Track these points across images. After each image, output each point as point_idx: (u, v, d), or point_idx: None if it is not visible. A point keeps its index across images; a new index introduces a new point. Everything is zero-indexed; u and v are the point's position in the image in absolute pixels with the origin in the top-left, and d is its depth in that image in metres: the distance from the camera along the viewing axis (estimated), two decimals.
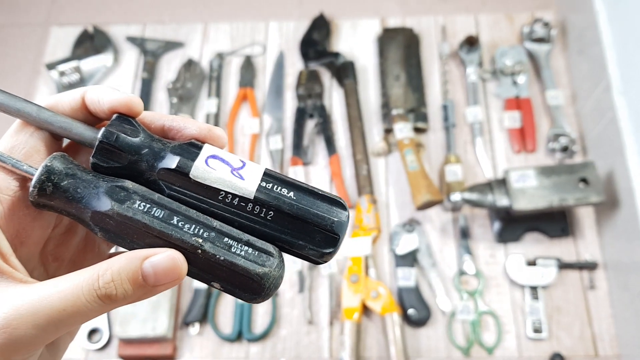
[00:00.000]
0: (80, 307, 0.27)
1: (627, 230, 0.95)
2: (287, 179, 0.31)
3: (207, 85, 1.25)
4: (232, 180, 0.31)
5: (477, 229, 1.07)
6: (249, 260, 0.30)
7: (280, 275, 0.31)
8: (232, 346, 1.01)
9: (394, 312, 0.98)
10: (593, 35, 1.08)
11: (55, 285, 0.27)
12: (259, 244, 0.30)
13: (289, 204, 0.31)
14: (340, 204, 0.31)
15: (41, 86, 1.28)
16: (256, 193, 0.30)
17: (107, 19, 1.36)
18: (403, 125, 1.11)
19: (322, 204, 0.31)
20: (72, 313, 0.27)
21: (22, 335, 0.26)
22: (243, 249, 0.30)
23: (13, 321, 0.26)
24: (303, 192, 0.31)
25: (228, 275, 0.29)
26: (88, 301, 0.27)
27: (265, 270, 0.30)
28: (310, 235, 0.31)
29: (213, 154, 0.31)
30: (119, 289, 0.28)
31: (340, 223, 0.31)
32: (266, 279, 0.30)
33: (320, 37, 1.27)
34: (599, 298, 1.01)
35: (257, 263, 0.30)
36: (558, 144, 1.10)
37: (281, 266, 0.31)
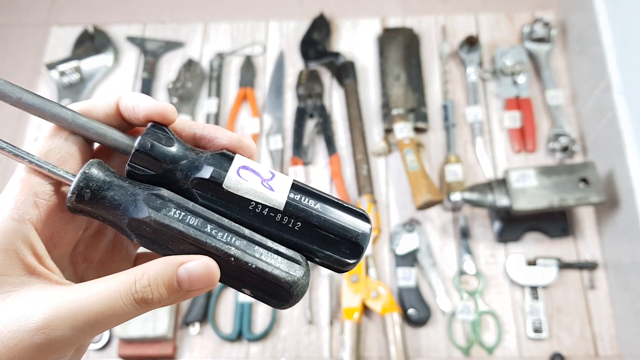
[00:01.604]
0: (117, 309, 0.28)
1: (627, 230, 0.95)
2: (314, 191, 0.33)
3: (207, 85, 1.25)
4: (263, 191, 0.32)
5: (477, 228, 1.07)
6: (279, 268, 0.31)
7: (307, 282, 0.32)
8: (233, 346, 1.01)
9: (394, 312, 0.98)
10: (593, 35, 1.08)
11: (93, 288, 0.28)
12: (289, 252, 0.32)
13: (317, 215, 0.32)
14: (364, 217, 0.33)
15: (41, 86, 1.28)
16: (285, 204, 0.32)
17: (107, 19, 1.36)
18: (403, 125, 1.11)
19: (348, 216, 0.32)
20: (109, 315, 0.28)
21: (60, 336, 0.27)
22: (273, 257, 0.31)
23: (52, 322, 0.27)
24: (329, 204, 0.32)
25: (258, 282, 0.31)
26: (125, 304, 0.28)
27: (294, 278, 0.31)
28: (335, 245, 0.32)
29: (244, 164, 0.32)
30: (155, 293, 0.29)
31: (364, 235, 0.32)
32: (295, 286, 0.31)
33: (320, 37, 1.27)
34: (599, 298, 1.01)
35: (286, 271, 0.31)
36: (558, 144, 1.10)
37: (308, 274, 0.32)
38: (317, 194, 0.33)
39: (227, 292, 1.06)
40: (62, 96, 1.25)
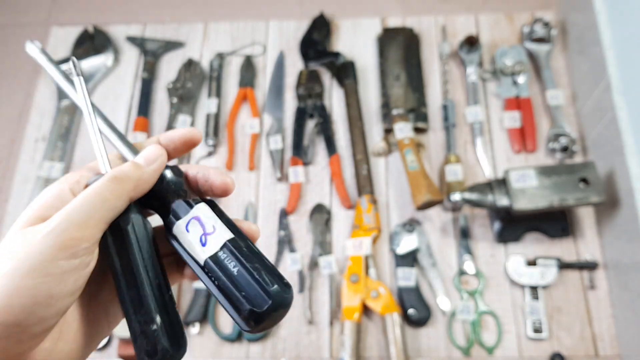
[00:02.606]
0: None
1: (627, 230, 0.95)
2: (243, 254, 0.35)
3: (207, 85, 1.25)
4: (195, 245, 0.36)
5: (477, 228, 1.07)
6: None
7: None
8: (233, 346, 1.01)
9: (394, 312, 0.98)
10: (593, 35, 1.08)
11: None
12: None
13: (223, 280, 0.34)
14: (275, 292, 0.34)
15: (41, 86, 1.28)
16: (208, 260, 0.35)
17: (107, 19, 1.36)
18: (403, 125, 1.11)
19: (252, 288, 0.34)
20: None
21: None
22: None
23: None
24: (248, 271, 0.34)
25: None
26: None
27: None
28: (237, 311, 0.34)
29: (197, 216, 0.36)
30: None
31: (253, 312, 0.33)
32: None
33: (320, 37, 1.27)
34: (599, 298, 1.01)
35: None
36: (558, 144, 1.10)
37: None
38: (244, 257, 0.34)
39: None
40: (62, 96, 1.25)
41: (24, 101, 1.28)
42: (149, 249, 0.35)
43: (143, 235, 0.35)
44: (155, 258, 0.36)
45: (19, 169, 1.19)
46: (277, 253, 1.08)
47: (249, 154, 1.16)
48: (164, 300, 0.34)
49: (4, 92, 1.31)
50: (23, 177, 1.19)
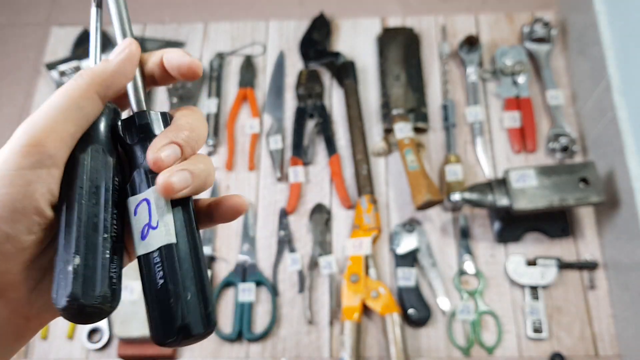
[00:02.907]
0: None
1: (627, 230, 0.95)
2: (176, 267, 0.31)
3: (207, 85, 1.25)
4: (136, 233, 0.32)
5: (477, 228, 1.07)
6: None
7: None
8: (233, 346, 1.01)
9: (394, 312, 0.98)
10: (593, 35, 1.08)
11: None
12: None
13: (146, 286, 0.32)
14: (188, 330, 0.31)
15: (41, 86, 1.29)
16: (140, 257, 0.32)
17: (107, 19, 1.36)
18: (403, 125, 1.11)
19: (167, 315, 0.31)
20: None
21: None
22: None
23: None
24: (170, 291, 0.31)
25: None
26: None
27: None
28: (149, 319, 0.32)
29: (148, 199, 0.32)
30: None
31: (159, 342, 0.31)
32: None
33: (320, 37, 1.27)
34: (599, 298, 1.01)
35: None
36: (558, 144, 1.10)
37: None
38: (175, 272, 0.31)
39: (228, 292, 1.06)
40: None
41: (24, 101, 1.28)
42: (94, 185, 0.32)
43: (95, 169, 0.32)
44: (103, 198, 0.32)
45: None
46: (277, 253, 1.08)
47: (249, 154, 1.16)
48: (94, 243, 0.30)
49: (4, 92, 1.31)
50: None
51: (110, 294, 0.30)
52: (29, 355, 1.03)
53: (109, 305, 0.30)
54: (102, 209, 0.31)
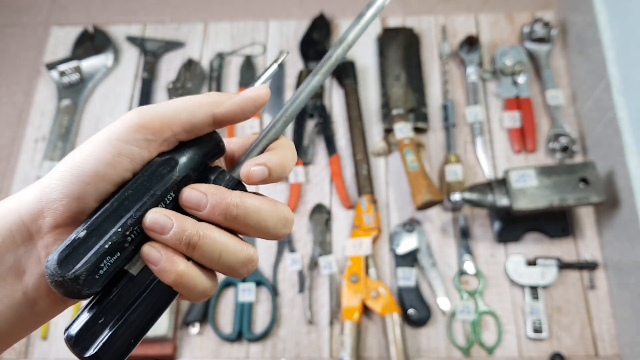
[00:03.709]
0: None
1: (627, 230, 0.95)
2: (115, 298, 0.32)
3: (207, 85, 1.25)
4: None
5: (477, 228, 1.07)
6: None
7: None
8: (233, 346, 1.01)
9: (394, 312, 0.98)
10: (593, 35, 1.08)
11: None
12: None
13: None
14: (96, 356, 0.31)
15: (41, 86, 1.28)
16: (136, 273, 0.33)
17: (107, 19, 1.36)
18: (403, 125, 1.11)
19: (85, 327, 0.31)
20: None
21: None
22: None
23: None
24: (97, 315, 0.32)
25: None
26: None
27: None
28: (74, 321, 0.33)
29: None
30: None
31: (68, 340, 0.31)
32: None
33: (320, 37, 1.27)
34: (599, 298, 1.01)
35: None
36: (558, 144, 1.10)
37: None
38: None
39: (228, 292, 1.06)
40: (61, 96, 1.25)
41: (24, 101, 1.28)
42: (145, 186, 0.33)
43: (158, 174, 0.33)
44: (144, 201, 0.33)
45: (19, 169, 1.19)
46: (277, 253, 1.08)
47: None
48: (105, 229, 0.32)
49: (4, 92, 1.31)
50: (23, 177, 1.19)
51: (84, 277, 0.30)
52: (29, 355, 1.03)
53: (78, 287, 0.30)
54: (135, 208, 0.32)
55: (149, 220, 0.32)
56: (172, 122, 0.34)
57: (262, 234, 0.35)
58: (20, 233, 0.32)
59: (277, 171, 0.35)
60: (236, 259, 0.34)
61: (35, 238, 0.32)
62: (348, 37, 0.37)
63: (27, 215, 0.32)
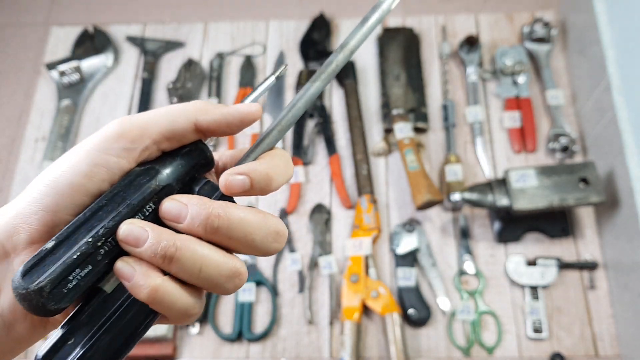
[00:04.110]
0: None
1: (627, 230, 0.95)
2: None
3: (207, 85, 1.25)
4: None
5: (477, 228, 1.07)
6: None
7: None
8: (233, 346, 1.01)
9: (394, 312, 0.98)
10: (593, 35, 1.08)
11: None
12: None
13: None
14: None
15: (41, 86, 1.28)
16: (110, 290, 0.31)
17: (107, 19, 1.36)
18: (403, 125, 1.11)
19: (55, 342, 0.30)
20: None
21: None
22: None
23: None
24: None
25: None
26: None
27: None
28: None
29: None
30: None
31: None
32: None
33: (320, 37, 1.27)
34: (599, 298, 1.01)
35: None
36: (558, 144, 1.10)
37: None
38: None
39: None
40: (62, 96, 1.25)
41: (24, 101, 1.28)
42: (122, 197, 0.31)
43: (136, 184, 0.31)
44: (119, 211, 0.31)
45: (19, 169, 1.19)
46: (277, 253, 1.08)
47: None
48: (75, 240, 0.30)
49: (4, 92, 1.31)
50: (23, 177, 1.19)
51: (48, 290, 0.28)
52: (29, 355, 1.03)
53: (42, 301, 0.28)
54: (108, 218, 0.30)
55: (123, 232, 0.30)
56: (152, 128, 0.32)
57: (250, 248, 0.32)
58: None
59: (261, 182, 0.33)
60: (219, 273, 0.31)
61: (12, 256, 0.31)
62: (350, 43, 0.35)
63: (2, 233, 0.31)
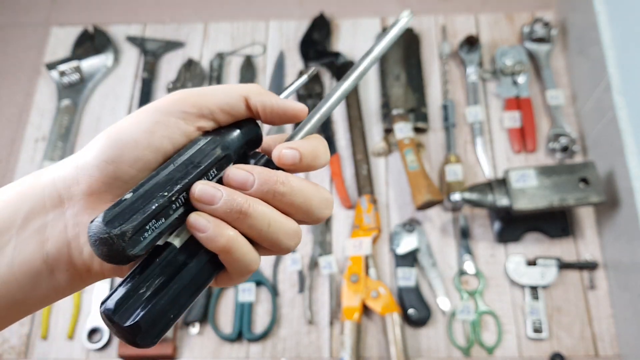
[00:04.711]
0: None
1: (627, 230, 0.95)
2: (162, 266, 0.32)
3: (207, 85, 1.25)
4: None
5: (477, 228, 1.07)
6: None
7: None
8: (233, 346, 1.01)
9: (394, 312, 0.98)
10: (593, 35, 1.08)
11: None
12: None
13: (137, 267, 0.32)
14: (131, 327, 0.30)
15: (41, 86, 1.29)
16: (179, 245, 0.33)
17: (107, 19, 1.36)
18: (403, 125, 1.11)
19: (126, 299, 0.31)
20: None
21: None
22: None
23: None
24: (139, 284, 0.31)
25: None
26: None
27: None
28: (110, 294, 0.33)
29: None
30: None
31: (104, 313, 0.31)
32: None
33: (320, 37, 1.27)
34: (599, 298, 1.01)
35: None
36: (558, 144, 1.10)
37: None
38: (155, 270, 0.32)
39: (227, 292, 1.06)
40: (62, 96, 1.25)
41: (24, 101, 1.28)
42: (191, 159, 0.34)
43: (202, 150, 0.34)
44: (189, 170, 0.33)
45: (19, 169, 1.20)
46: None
47: None
48: (151, 193, 0.32)
49: (4, 92, 1.31)
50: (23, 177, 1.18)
51: (130, 235, 0.30)
52: (29, 355, 1.03)
53: (123, 245, 0.30)
54: (180, 176, 0.33)
55: (199, 190, 0.32)
56: (209, 98, 0.35)
57: (307, 214, 0.35)
58: (52, 199, 0.32)
59: (309, 157, 0.36)
60: (285, 231, 0.34)
61: (66, 205, 0.33)
62: (375, 49, 0.42)
63: (61, 181, 0.33)
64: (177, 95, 0.35)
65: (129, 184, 0.33)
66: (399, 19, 0.41)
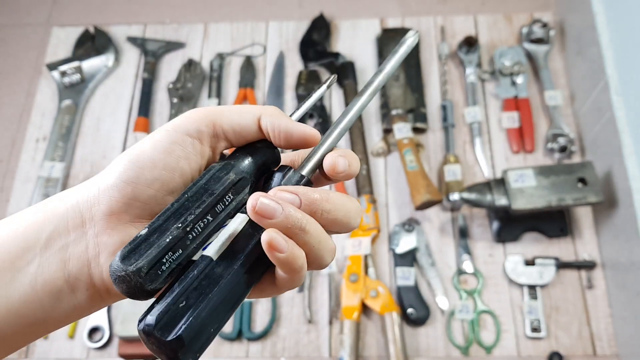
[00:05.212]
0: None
1: (625, 230, 0.96)
2: (199, 278, 0.32)
3: (207, 85, 1.25)
4: (223, 233, 0.34)
5: (476, 228, 1.08)
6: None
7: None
8: (232, 345, 1.02)
9: (393, 311, 0.98)
10: (591, 36, 1.09)
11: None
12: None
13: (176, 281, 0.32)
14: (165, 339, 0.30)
15: (42, 86, 1.29)
16: (216, 257, 0.33)
17: (108, 20, 1.37)
18: (402, 125, 1.12)
19: (167, 309, 0.30)
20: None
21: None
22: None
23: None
24: (179, 293, 0.31)
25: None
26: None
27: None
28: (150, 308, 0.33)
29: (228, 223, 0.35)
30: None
31: (141, 327, 0.31)
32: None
33: (320, 37, 1.27)
34: (597, 297, 1.01)
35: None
36: (556, 144, 1.11)
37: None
38: (192, 282, 0.31)
39: None
40: (62, 96, 1.25)
41: (24, 101, 1.29)
42: (205, 188, 0.34)
43: (216, 177, 0.34)
44: (202, 200, 0.33)
45: (20, 169, 1.20)
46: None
47: None
48: (166, 227, 0.32)
49: (5, 92, 1.31)
50: (24, 177, 1.19)
51: (146, 270, 0.30)
52: (30, 354, 1.03)
53: (140, 281, 0.30)
54: (194, 207, 0.33)
55: (260, 204, 0.31)
56: (223, 117, 0.36)
57: (346, 227, 0.35)
58: (74, 219, 0.33)
59: (354, 165, 0.35)
60: (328, 248, 0.34)
61: (87, 225, 0.33)
62: (386, 67, 0.43)
63: (84, 202, 0.33)
64: (194, 114, 0.35)
65: (148, 204, 0.34)
66: (405, 39, 0.41)
